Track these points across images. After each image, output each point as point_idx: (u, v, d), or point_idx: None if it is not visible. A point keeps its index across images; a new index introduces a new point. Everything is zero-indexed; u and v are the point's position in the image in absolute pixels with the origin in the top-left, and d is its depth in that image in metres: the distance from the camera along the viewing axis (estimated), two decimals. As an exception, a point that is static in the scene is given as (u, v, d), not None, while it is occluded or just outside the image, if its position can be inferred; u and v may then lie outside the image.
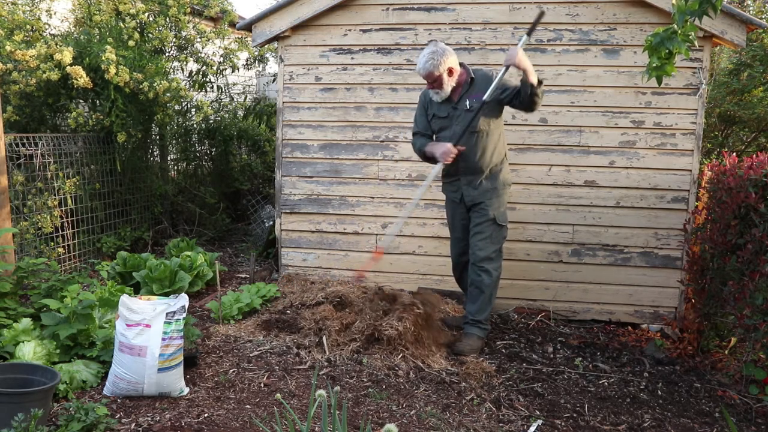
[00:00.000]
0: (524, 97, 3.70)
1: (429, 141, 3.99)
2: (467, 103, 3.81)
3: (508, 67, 3.66)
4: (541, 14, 3.70)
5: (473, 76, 3.84)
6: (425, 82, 3.86)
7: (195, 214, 6.64)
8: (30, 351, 3.18)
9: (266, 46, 5.97)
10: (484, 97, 3.71)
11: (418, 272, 4.84)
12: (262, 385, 3.36)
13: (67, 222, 5.25)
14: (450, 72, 3.76)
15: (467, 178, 3.91)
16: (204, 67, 6.41)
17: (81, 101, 5.71)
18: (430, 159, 3.97)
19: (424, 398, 3.27)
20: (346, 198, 4.93)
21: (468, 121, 3.75)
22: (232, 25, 6.47)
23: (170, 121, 6.35)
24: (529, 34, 3.69)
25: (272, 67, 8.45)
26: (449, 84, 3.79)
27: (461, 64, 3.87)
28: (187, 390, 3.24)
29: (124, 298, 3.16)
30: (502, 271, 4.04)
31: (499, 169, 3.92)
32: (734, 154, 4.01)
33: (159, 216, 6.40)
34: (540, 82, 3.66)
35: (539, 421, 3.08)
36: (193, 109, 6.64)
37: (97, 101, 5.50)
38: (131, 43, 5.50)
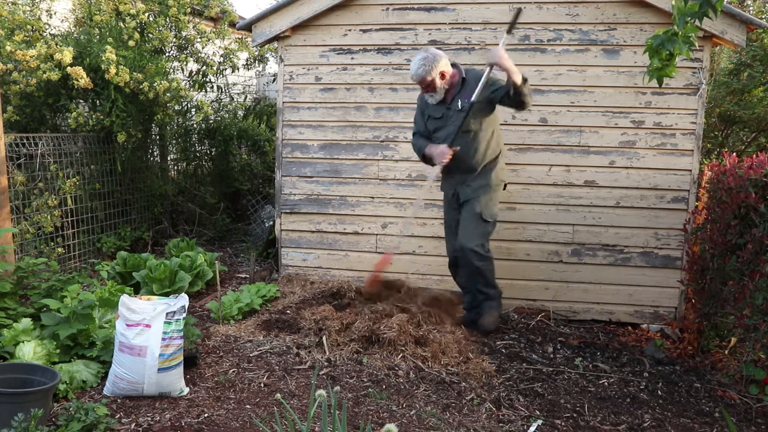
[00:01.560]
0: (511, 96, 3.77)
1: (428, 142, 4.10)
2: (459, 103, 3.90)
3: (491, 66, 3.75)
4: (519, 11, 3.77)
5: (464, 76, 3.92)
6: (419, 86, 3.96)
7: (195, 214, 6.64)
8: (30, 351, 3.18)
9: (266, 46, 5.98)
10: (472, 99, 3.80)
11: (418, 272, 4.84)
12: (262, 385, 3.36)
13: (67, 222, 5.25)
14: (442, 75, 3.87)
15: (461, 176, 4.02)
16: (204, 67, 6.41)
17: (81, 101, 5.70)
18: (429, 160, 4.09)
19: (424, 398, 3.27)
20: (346, 198, 4.93)
21: (459, 122, 3.83)
22: (232, 25, 6.47)
23: (170, 121, 6.35)
24: (509, 32, 3.76)
25: (272, 67, 8.44)
26: (442, 87, 3.90)
27: (454, 65, 3.97)
28: (187, 390, 3.24)
29: (124, 298, 3.16)
30: (502, 272, 4.08)
31: (492, 166, 4.01)
32: (734, 154, 4.01)
33: (159, 216, 6.39)
34: (525, 80, 3.71)
35: (539, 421, 3.08)
36: (193, 109, 6.63)
37: (97, 101, 5.50)
38: (131, 43, 5.50)
